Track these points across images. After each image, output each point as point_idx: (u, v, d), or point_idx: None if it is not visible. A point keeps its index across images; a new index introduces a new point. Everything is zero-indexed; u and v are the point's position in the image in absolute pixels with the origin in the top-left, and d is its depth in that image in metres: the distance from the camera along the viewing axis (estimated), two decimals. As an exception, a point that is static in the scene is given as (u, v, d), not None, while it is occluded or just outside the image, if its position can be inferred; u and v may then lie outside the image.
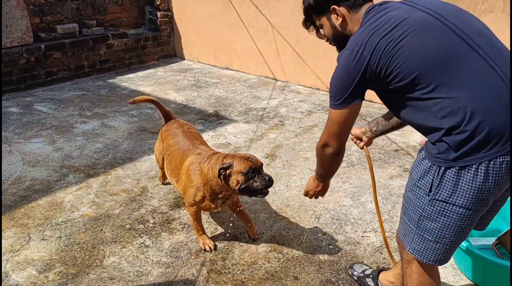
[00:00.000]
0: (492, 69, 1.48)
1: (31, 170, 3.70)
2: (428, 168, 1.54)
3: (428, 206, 1.57)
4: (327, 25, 1.84)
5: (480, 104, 1.43)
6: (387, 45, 1.52)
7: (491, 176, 1.45)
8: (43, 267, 2.56)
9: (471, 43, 1.51)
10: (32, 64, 5.79)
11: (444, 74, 1.47)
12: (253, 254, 2.63)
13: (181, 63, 7.11)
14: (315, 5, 1.82)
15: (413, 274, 1.75)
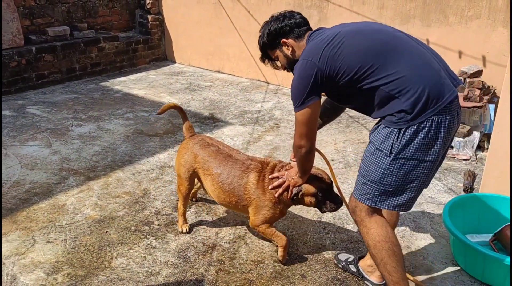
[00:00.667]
0: (417, 46, 1.92)
1: (30, 173, 3.70)
2: (389, 133, 1.87)
3: (390, 165, 1.89)
4: (281, 55, 2.24)
5: (417, 74, 1.82)
6: (331, 51, 1.92)
7: (440, 129, 1.83)
8: (51, 270, 2.58)
9: (395, 34, 1.96)
10: (23, 67, 5.75)
11: (383, 61, 1.85)
12: (260, 253, 2.69)
13: (173, 67, 7.14)
14: (268, 43, 2.24)
15: (370, 229, 2.02)
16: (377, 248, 2.00)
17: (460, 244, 2.44)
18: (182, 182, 2.76)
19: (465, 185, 3.31)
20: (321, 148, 4.12)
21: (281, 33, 2.18)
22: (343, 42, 1.92)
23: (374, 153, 1.93)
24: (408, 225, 2.96)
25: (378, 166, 1.92)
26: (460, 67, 4.20)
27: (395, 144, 1.85)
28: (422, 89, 1.80)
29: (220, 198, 2.61)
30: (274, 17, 2.23)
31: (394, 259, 1.99)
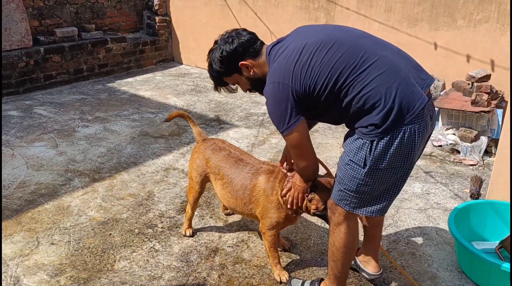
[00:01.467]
0: (383, 54, 1.83)
1: (36, 174, 3.72)
2: (361, 145, 1.83)
3: (365, 176, 1.86)
4: (243, 79, 2.08)
5: (386, 86, 1.76)
6: (301, 69, 1.83)
7: (414, 138, 1.79)
8: (54, 272, 2.58)
9: (360, 43, 1.86)
10: (31, 67, 5.79)
11: (354, 73, 1.78)
12: (263, 258, 2.68)
13: (179, 68, 7.15)
14: (224, 70, 2.06)
15: (341, 234, 2.04)
16: (340, 251, 2.08)
17: (465, 251, 2.41)
18: (194, 186, 2.74)
19: (471, 191, 3.27)
20: (326, 151, 4.10)
21: (236, 55, 2.00)
22: (312, 57, 1.84)
23: (348, 164, 1.89)
24: (413, 231, 2.93)
25: (353, 176, 1.88)
26: (468, 71, 4.16)
27: (368, 156, 1.82)
28: (391, 101, 1.75)
29: (230, 202, 2.58)
30: (221, 41, 2.05)
31: (348, 261, 2.13)
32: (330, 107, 1.89)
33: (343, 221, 2.03)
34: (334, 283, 2.21)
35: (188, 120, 2.94)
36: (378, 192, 1.92)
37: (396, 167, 1.84)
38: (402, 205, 3.23)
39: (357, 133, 1.86)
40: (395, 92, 1.75)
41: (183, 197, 3.36)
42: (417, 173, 3.70)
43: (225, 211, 3.13)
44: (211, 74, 2.13)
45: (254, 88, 2.12)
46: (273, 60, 1.95)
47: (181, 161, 3.96)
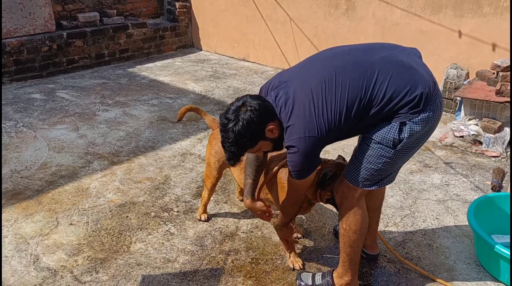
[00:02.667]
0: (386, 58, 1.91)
1: (57, 156, 3.79)
2: (389, 128, 1.88)
3: (393, 155, 1.92)
4: (267, 144, 2.03)
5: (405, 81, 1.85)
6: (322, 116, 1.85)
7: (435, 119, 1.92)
8: (72, 251, 2.64)
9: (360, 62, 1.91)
10: (54, 52, 5.87)
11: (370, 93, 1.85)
12: (276, 245, 2.68)
13: (199, 54, 7.15)
14: (251, 139, 1.96)
15: (357, 216, 2.08)
16: (357, 233, 2.10)
17: (484, 244, 2.36)
18: (211, 172, 2.74)
19: (493, 183, 3.19)
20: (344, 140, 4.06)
21: (263, 121, 1.94)
22: (324, 101, 1.86)
23: (374, 146, 1.93)
24: (431, 222, 2.88)
25: (381, 155, 1.93)
26: (493, 60, 4.03)
27: (397, 138, 1.88)
28: (414, 93, 1.84)
29: None
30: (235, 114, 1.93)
31: (362, 243, 2.18)
32: (357, 124, 1.93)
33: (356, 203, 2.08)
34: (349, 270, 2.20)
35: (198, 112, 2.94)
36: (396, 167, 2.03)
37: (418, 145, 1.99)
38: (420, 196, 3.18)
39: (382, 120, 1.92)
40: (416, 82, 1.85)
41: (199, 182, 3.38)
42: (436, 164, 3.63)
43: (240, 197, 3.14)
44: (234, 151, 1.98)
45: (274, 149, 2.11)
46: (286, 114, 1.92)
47: (198, 146, 3.98)
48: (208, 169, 2.76)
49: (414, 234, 2.77)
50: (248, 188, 2.35)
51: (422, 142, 2.00)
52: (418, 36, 4.76)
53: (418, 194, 3.20)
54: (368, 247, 2.51)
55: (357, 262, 2.21)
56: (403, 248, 2.64)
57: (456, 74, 4.45)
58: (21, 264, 2.52)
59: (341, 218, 2.12)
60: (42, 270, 2.48)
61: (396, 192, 3.21)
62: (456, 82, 4.45)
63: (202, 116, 2.93)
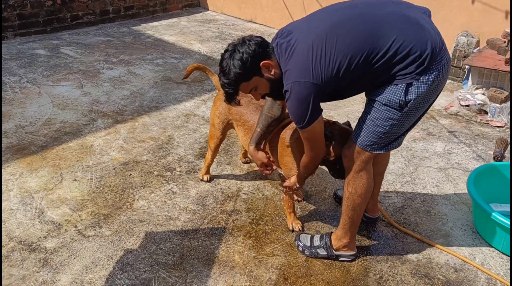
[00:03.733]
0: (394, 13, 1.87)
1: (61, 112, 3.80)
2: (395, 90, 1.86)
3: (400, 117, 1.91)
4: (263, 82, 2.00)
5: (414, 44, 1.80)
6: (320, 62, 1.82)
7: (442, 78, 1.89)
8: (76, 206, 2.70)
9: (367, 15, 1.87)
10: (58, 7, 5.77)
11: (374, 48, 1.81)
12: (277, 207, 2.72)
13: (205, 14, 7.01)
14: (244, 72, 1.94)
15: (364, 180, 2.11)
16: (362, 197, 2.13)
17: (481, 212, 2.39)
18: (215, 133, 2.75)
19: (495, 153, 3.19)
20: (349, 105, 4.03)
21: (257, 55, 1.94)
22: (326, 46, 1.83)
23: (381, 108, 1.92)
24: (430, 189, 2.91)
25: (388, 117, 1.92)
26: (505, 28, 3.93)
27: (403, 99, 1.86)
28: (421, 51, 1.80)
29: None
30: (236, 44, 1.97)
31: (364, 206, 2.20)
32: (359, 79, 1.90)
33: (364, 166, 2.09)
34: (348, 233, 2.24)
35: (205, 71, 2.90)
36: (405, 129, 2.01)
37: (425, 106, 1.96)
38: (421, 163, 3.19)
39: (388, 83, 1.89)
40: (423, 39, 1.81)
41: (202, 143, 3.40)
42: (440, 132, 3.62)
43: (243, 159, 3.16)
44: (227, 82, 1.98)
45: (272, 91, 2.06)
46: (285, 60, 1.92)
47: (202, 107, 3.97)
48: (212, 129, 2.76)
49: (413, 201, 2.80)
50: (255, 136, 2.38)
51: (429, 102, 1.97)
52: (430, 2, 4.62)
53: (420, 161, 3.21)
54: (369, 210, 2.54)
55: (357, 226, 2.25)
56: (401, 214, 2.68)
57: (466, 41, 4.36)
58: (26, 217, 2.59)
59: (348, 181, 2.14)
60: (46, 223, 2.54)
61: (398, 159, 3.22)
62: (465, 50, 4.36)
63: (209, 75, 2.90)
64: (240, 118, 2.59)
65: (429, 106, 2.02)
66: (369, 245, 2.44)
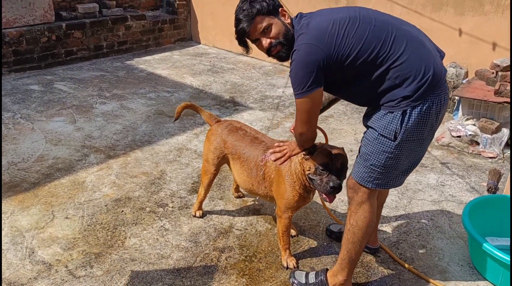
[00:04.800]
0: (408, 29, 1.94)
1: (54, 148, 3.79)
2: (392, 118, 1.88)
3: (394, 149, 1.91)
4: (279, 24, 2.02)
5: (417, 58, 1.85)
6: (336, 38, 1.85)
7: (440, 107, 1.90)
8: (67, 245, 2.65)
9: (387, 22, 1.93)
10: (53, 43, 5.84)
11: (386, 47, 1.85)
12: (271, 243, 2.69)
13: (197, 47, 7.12)
14: (268, 7, 2.01)
15: (365, 213, 2.08)
16: (363, 230, 2.10)
17: (478, 247, 2.36)
18: (209, 168, 2.73)
19: (489, 185, 3.20)
20: (341, 137, 4.06)
21: (279, 4, 2.07)
22: (344, 29, 1.87)
23: (378, 138, 1.94)
24: (425, 223, 2.89)
25: (382, 150, 1.94)
26: (493, 59, 4.02)
27: (399, 128, 1.87)
28: (424, 73, 1.84)
29: (246, 182, 2.57)
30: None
31: (366, 242, 2.17)
32: (359, 79, 1.92)
33: (366, 199, 2.07)
34: (345, 269, 2.20)
35: (195, 109, 2.91)
36: (403, 167, 2.00)
37: (423, 138, 1.93)
38: (415, 196, 3.18)
39: (385, 108, 1.91)
40: (425, 63, 1.85)
41: (194, 178, 3.38)
42: (433, 163, 3.63)
43: (235, 193, 3.14)
44: (246, 12, 2.01)
45: (284, 39, 2.01)
46: (302, 29, 1.94)
47: (194, 141, 3.97)
48: (206, 165, 2.75)
49: (408, 235, 2.78)
50: None
51: (423, 137, 1.93)
52: (418, 34, 4.74)
53: (413, 194, 3.20)
54: (370, 241, 2.53)
55: (355, 263, 2.21)
56: (397, 249, 2.65)
57: (455, 72, 4.44)
58: (17, 257, 2.53)
59: (350, 213, 2.13)
60: (37, 263, 2.49)
61: (391, 191, 3.21)
62: (455, 81, 4.44)
63: (199, 112, 2.92)
64: (236, 151, 2.58)
65: (426, 143, 1.99)
66: (365, 283, 2.40)
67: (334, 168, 2.16)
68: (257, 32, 2.03)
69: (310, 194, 2.38)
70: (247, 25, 2.01)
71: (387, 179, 2.02)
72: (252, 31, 2.03)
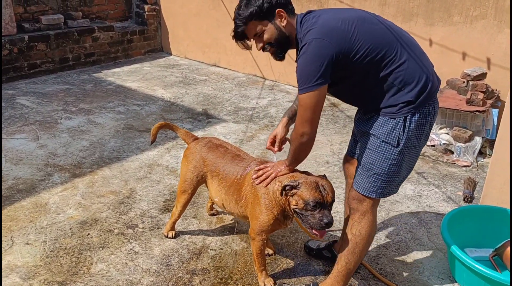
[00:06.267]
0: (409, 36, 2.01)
1: (14, 168, 3.56)
2: (394, 124, 1.90)
3: (398, 155, 1.93)
4: (272, 29, 2.03)
5: (419, 64, 1.91)
6: (345, 34, 1.86)
7: (435, 113, 1.98)
8: (27, 274, 2.45)
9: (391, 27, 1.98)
10: (15, 56, 5.59)
11: (392, 49, 1.88)
12: (247, 263, 2.56)
13: (168, 59, 6.97)
14: (261, 11, 2.00)
15: (369, 222, 2.07)
16: (365, 240, 2.09)
17: (457, 260, 2.31)
18: (187, 189, 2.57)
19: (465, 194, 3.18)
20: (316, 149, 3.98)
21: (279, 3, 2.01)
22: (354, 27, 1.88)
23: (381, 146, 1.95)
24: (404, 236, 2.83)
25: (386, 158, 1.95)
26: (463, 68, 4.06)
27: (402, 134, 1.90)
28: (425, 79, 1.89)
29: (224, 199, 2.44)
30: None
31: (365, 252, 2.16)
32: (363, 78, 1.92)
33: (370, 209, 2.06)
34: (340, 282, 2.16)
35: (170, 128, 2.78)
36: (404, 174, 2.03)
37: (419, 144, 1.98)
38: (393, 207, 3.13)
39: (385, 115, 1.92)
40: (426, 70, 1.91)
41: (166, 196, 3.23)
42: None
43: (210, 211, 3.01)
44: (240, 16, 2.03)
45: (276, 43, 2.04)
46: (312, 25, 1.93)
47: (166, 156, 3.82)
48: (184, 185, 2.59)
49: (387, 249, 2.70)
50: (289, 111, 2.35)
51: (420, 142, 1.98)
52: (389, 44, 4.76)
53: (391, 206, 3.15)
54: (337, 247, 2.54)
55: (351, 275, 2.17)
56: (376, 264, 2.57)
57: (426, 82, 4.46)
58: (-31, 290, 2.32)
59: (352, 223, 2.09)
60: (-8, 296, 2.29)
61: (369, 204, 3.15)
62: (426, 90, 4.45)
63: (175, 130, 2.77)
64: (216, 168, 2.46)
65: (421, 150, 2.04)
66: (346, 301, 2.31)
67: (326, 203, 2.03)
68: (251, 35, 2.09)
69: (288, 220, 2.26)
70: (242, 29, 2.06)
71: (390, 188, 2.03)
72: (248, 34, 2.09)
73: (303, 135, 1.97)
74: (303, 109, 1.92)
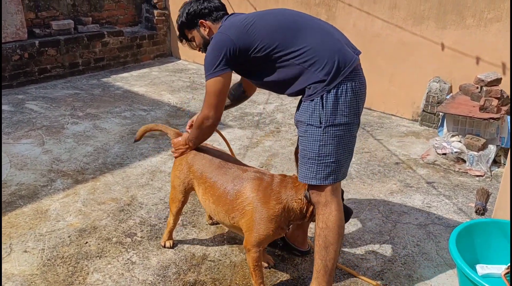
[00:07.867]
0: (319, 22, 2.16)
1: (18, 173, 3.55)
2: (314, 105, 1.99)
3: (322, 134, 2.00)
4: (198, 36, 2.36)
5: (324, 45, 2.02)
6: (244, 27, 2.07)
7: (356, 93, 2.02)
8: (23, 284, 2.41)
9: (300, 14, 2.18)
10: (25, 61, 5.62)
11: (292, 36, 2.03)
12: (246, 275, 2.48)
13: (177, 63, 6.95)
14: (187, 22, 2.34)
15: (333, 211, 2.05)
16: (334, 231, 2.05)
17: (467, 279, 2.19)
18: (176, 196, 2.52)
19: (477, 206, 3.04)
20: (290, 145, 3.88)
21: (200, 14, 2.29)
22: (255, 20, 2.09)
23: (307, 130, 2.03)
24: (411, 249, 2.71)
25: (313, 140, 2.01)
26: (476, 73, 3.91)
27: (322, 113, 1.98)
28: (330, 57, 1.98)
29: (211, 209, 2.36)
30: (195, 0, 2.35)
31: (340, 246, 2.10)
32: (270, 67, 2.08)
33: (330, 198, 2.05)
34: (322, 283, 2.10)
35: (159, 130, 2.70)
36: (339, 154, 2.03)
37: (348, 123, 2.01)
38: (400, 219, 3.01)
39: (306, 99, 2.03)
40: (332, 49, 2.00)
41: (167, 203, 3.17)
42: (418, 183, 3.47)
43: (209, 220, 2.94)
44: (177, 22, 2.39)
45: (204, 47, 2.33)
46: (220, 27, 2.21)
47: (169, 163, 3.76)
48: (173, 192, 2.54)
49: (393, 263, 2.59)
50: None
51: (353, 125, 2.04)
52: (400, 48, 4.64)
53: (398, 217, 3.03)
54: (299, 244, 2.58)
55: (333, 273, 2.11)
56: (381, 279, 2.46)
57: (438, 87, 4.33)
58: (-37, 299, 2.29)
59: (318, 217, 2.08)
60: (-15, 306, 2.25)
61: (375, 214, 3.03)
62: (439, 96, 4.32)
63: (165, 131, 2.67)
64: (202, 175, 2.38)
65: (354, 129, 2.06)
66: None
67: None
68: (188, 39, 2.43)
69: (287, 227, 2.22)
70: (181, 32, 2.42)
71: (327, 171, 2.03)
72: (186, 38, 2.43)
73: (208, 118, 2.18)
74: (208, 95, 2.14)
